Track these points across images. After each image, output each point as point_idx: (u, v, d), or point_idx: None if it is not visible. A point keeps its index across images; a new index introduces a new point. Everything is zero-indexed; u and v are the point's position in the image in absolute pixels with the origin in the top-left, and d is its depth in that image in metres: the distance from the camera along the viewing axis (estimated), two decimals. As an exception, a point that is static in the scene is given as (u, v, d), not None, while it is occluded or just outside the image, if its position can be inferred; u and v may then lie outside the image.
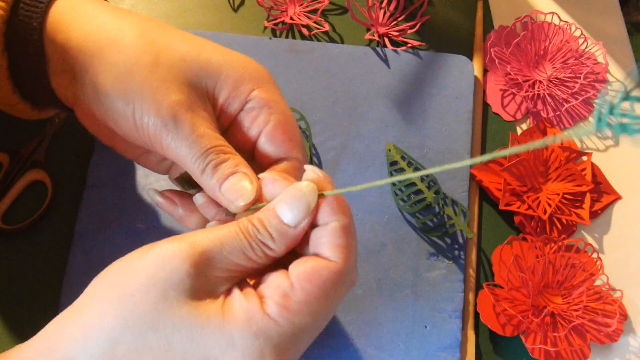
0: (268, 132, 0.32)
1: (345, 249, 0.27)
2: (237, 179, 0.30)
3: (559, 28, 0.53)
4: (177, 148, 0.30)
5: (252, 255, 0.27)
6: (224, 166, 0.30)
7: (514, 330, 0.44)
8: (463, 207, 0.47)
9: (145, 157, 0.37)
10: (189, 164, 0.31)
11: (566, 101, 0.51)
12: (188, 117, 0.30)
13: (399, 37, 0.52)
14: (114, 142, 0.36)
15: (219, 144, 0.31)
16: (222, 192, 0.30)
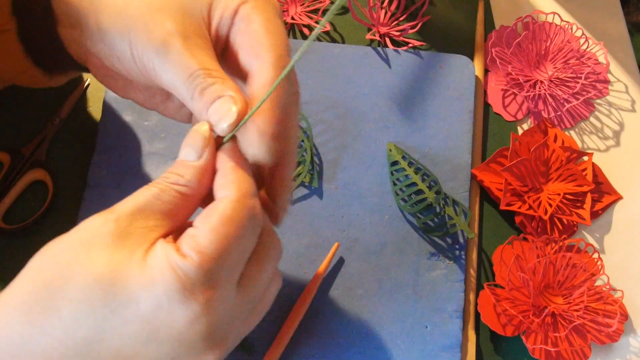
0: (241, 42, 0.32)
1: (234, 183, 0.28)
2: (223, 101, 0.29)
3: (560, 28, 0.53)
4: (167, 74, 0.30)
5: (166, 197, 0.28)
6: (210, 89, 0.30)
7: (514, 330, 0.44)
8: (464, 207, 0.47)
9: (165, 105, 0.36)
10: (180, 91, 0.30)
11: (567, 101, 0.51)
12: (179, 43, 0.30)
13: (400, 37, 0.52)
14: (128, 92, 0.36)
15: (208, 66, 0.30)
16: (208, 116, 0.30)
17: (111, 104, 0.48)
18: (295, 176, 0.47)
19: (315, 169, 0.48)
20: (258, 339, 0.43)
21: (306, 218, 0.46)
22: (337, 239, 0.46)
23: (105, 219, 0.28)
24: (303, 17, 0.53)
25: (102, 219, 0.28)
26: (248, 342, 0.43)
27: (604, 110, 0.53)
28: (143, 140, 0.48)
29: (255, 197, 0.29)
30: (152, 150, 0.47)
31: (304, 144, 0.48)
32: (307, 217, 0.46)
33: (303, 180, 0.47)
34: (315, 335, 0.43)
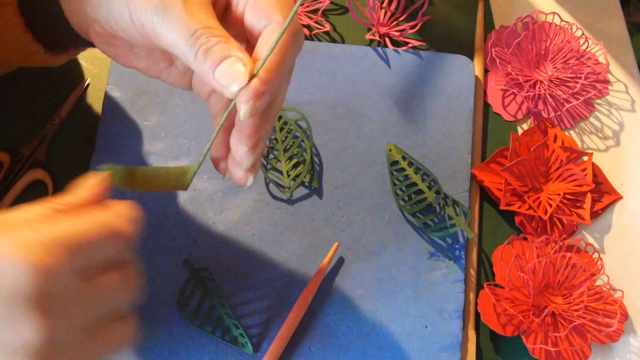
0: (250, 4, 0.31)
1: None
2: (230, 62, 0.29)
3: (559, 28, 0.53)
4: (168, 33, 0.30)
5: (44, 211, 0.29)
6: (215, 49, 0.29)
7: (514, 330, 0.44)
8: (464, 207, 0.47)
9: (168, 72, 0.36)
10: (181, 50, 0.30)
11: (567, 101, 0.51)
12: (179, 1, 0.30)
13: (400, 37, 0.52)
14: (130, 59, 0.36)
15: (210, 25, 0.30)
16: (215, 78, 0.29)
17: (111, 104, 0.48)
18: (295, 176, 0.47)
19: (315, 169, 0.48)
20: (258, 339, 0.43)
21: (306, 218, 0.46)
22: (337, 238, 0.46)
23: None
24: (303, 17, 0.53)
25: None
26: (248, 342, 0.43)
27: (603, 110, 0.53)
28: (143, 140, 0.48)
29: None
30: (152, 150, 0.47)
31: (304, 144, 0.48)
32: (307, 217, 0.46)
33: (303, 180, 0.47)
34: (315, 335, 0.43)
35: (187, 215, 0.46)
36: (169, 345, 0.43)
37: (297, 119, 0.49)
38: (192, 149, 0.47)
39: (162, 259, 0.45)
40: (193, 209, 0.46)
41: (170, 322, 0.43)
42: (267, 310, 0.44)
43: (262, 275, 0.45)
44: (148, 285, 0.44)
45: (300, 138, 0.48)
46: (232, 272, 0.45)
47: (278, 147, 0.48)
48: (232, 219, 0.46)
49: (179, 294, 0.44)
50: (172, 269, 0.45)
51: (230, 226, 0.46)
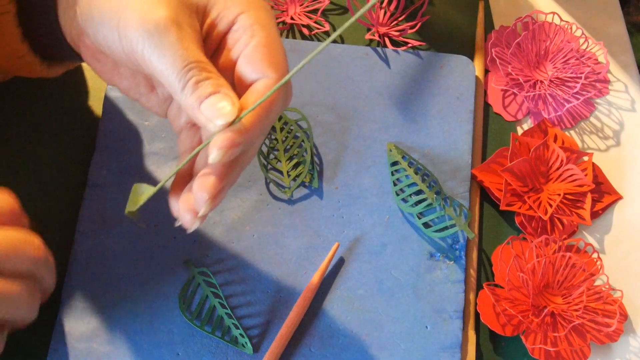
0: (246, 54, 0.31)
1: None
2: (218, 98, 0.29)
3: (559, 28, 0.53)
4: (159, 60, 0.29)
5: None
6: (205, 84, 0.29)
7: (514, 330, 0.44)
8: (464, 207, 0.47)
9: (148, 97, 0.36)
10: (170, 79, 0.29)
11: (567, 101, 0.51)
12: (174, 29, 0.29)
13: (400, 37, 0.52)
14: (114, 78, 0.35)
15: (202, 60, 0.30)
16: (201, 110, 0.29)
17: (111, 104, 0.48)
18: (296, 176, 0.47)
19: (316, 169, 0.48)
20: (258, 339, 0.43)
21: (306, 218, 0.46)
22: (338, 239, 0.46)
23: None
24: (302, 17, 0.53)
25: None
26: (248, 342, 0.43)
27: (604, 110, 0.53)
28: (143, 140, 0.48)
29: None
30: (153, 150, 0.47)
31: (304, 144, 0.48)
32: (307, 217, 0.46)
33: (303, 181, 0.47)
34: (315, 335, 0.44)
35: (188, 215, 0.46)
36: (169, 345, 0.43)
37: (297, 119, 0.49)
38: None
39: (162, 259, 0.45)
40: (193, 209, 0.46)
41: (171, 322, 0.43)
42: (267, 310, 0.44)
43: (262, 276, 0.45)
44: (148, 285, 0.44)
45: (300, 138, 0.48)
46: (233, 272, 0.45)
47: (278, 147, 0.48)
48: (232, 219, 0.46)
49: (179, 294, 0.44)
50: (173, 269, 0.45)
51: (230, 226, 0.46)
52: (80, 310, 0.43)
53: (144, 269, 0.44)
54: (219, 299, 0.44)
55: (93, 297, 0.44)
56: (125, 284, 0.44)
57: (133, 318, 0.43)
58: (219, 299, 0.44)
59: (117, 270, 0.44)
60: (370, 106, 0.50)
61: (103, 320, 0.43)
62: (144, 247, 0.45)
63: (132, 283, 0.44)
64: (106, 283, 0.44)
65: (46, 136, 0.48)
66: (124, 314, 0.43)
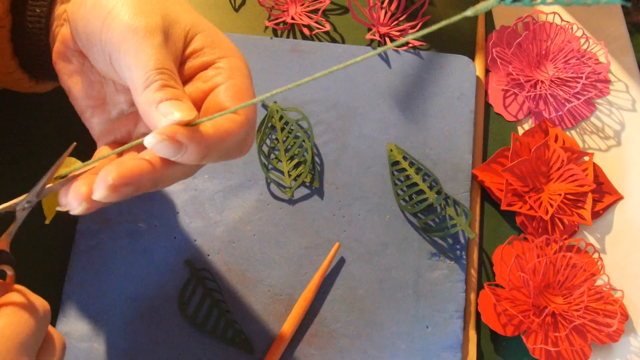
0: (222, 89, 0.32)
1: None
2: (179, 104, 0.29)
3: (560, 28, 0.53)
4: (135, 56, 0.29)
5: None
6: (170, 90, 0.29)
7: (514, 330, 0.44)
8: (465, 208, 0.47)
9: (92, 112, 0.36)
10: (136, 75, 0.29)
11: (568, 101, 0.51)
12: (161, 37, 0.30)
13: (400, 37, 0.52)
14: (70, 80, 0.35)
15: (175, 73, 0.30)
16: (158, 108, 0.29)
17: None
18: (297, 176, 0.47)
19: (316, 169, 0.48)
20: (258, 339, 0.43)
21: (307, 218, 0.46)
22: (338, 239, 0.46)
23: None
24: (303, 17, 0.53)
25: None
26: (248, 342, 0.43)
27: (604, 110, 0.53)
28: (144, 140, 0.48)
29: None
30: (153, 150, 0.47)
31: (304, 144, 0.48)
32: (308, 217, 0.46)
33: (304, 180, 0.47)
34: (315, 335, 0.44)
35: (188, 215, 0.46)
36: (169, 345, 0.43)
37: (298, 119, 0.49)
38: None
39: (162, 259, 0.45)
40: (194, 209, 0.46)
41: (171, 322, 0.43)
42: (267, 310, 0.44)
43: (262, 275, 0.45)
44: (148, 285, 0.44)
45: (301, 138, 0.48)
46: (233, 272, 0.45)
47: (279, 147, 0.48)
48: (233, 218, 0.46)
49: (179, 294, 0.44)
50: (173, 269, 0.45)
51: (231, 226, 0.46)
52: (80, 310, 0.43)
53: (144, 269, 0.44)
54: (219, 299, 0.44)
55: (93, 297, 0.44)
56: (125, 284, 0.44)
57: (133, 318, 0.43)
58: (219, 298, 0.44)
59: (117, 270, 0.44)
60: (371, 106, 0.50)
61: (103, 320, 0.43)
62: (144, 247, 0.45)
63: (132, 283, 0.44)
64: (106, 283, 0.44)
65: (46, 136, 0.48)
66: (124, 314, 0.43)
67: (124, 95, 0.35)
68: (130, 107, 0.35)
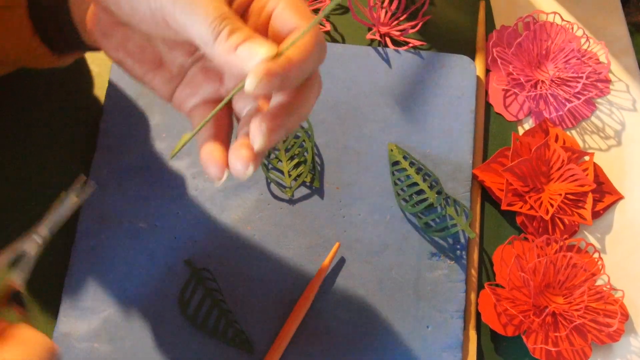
0: (277, 13, 0.32)
1: None
2: (255, 42, 0.29)
3: (561, 28, 0.53)
4: (191, 14, 0.29)
5: None
6: (239, 32, 0.29)
7: (515, 330, 0.44)
8: (465, 207, 0.47)
9: (153, 74, 0.36)
10: (201, 30, 0.30)
11: (568, 101, 0.51)
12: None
13: (401, 36, 0.52)
14: (119, 53, 0.35)
15: (234, 14, 0.30)
16: (237, 53, 0.29)
17: (112, 103, 0.48)
18: (297, 176, 0.47)
19: (317, 169, 0.48)
20: (258, 339, 0.43)
21: (307, 218, 0.46)
22: (338, 239, 0.46)
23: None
24: (304, 16, 0.53)
25: None
26: (248, 342, 0.43)
27: (605, 109, 0.53)
28: (144, 140, 0.48)
29: None
30: (154, 150, 0.47)
31: (305, 144, 0.48)
32: (308, 217, 0.46)
33: (304, 180, 0.47)
34: (316, 335, 0.44)
35: (188, 215, 0.46)
36: (169, 345, 0.43)
37: (298, 119, 0.49)
38: (193, 148, 0.47)
39: (162, 258, 0.45)
40: (194, 209, 0.46)
41: (171, 322, 0.43)
42: (267, 310, 0.44)
43: (263, 275, 0.45)
44: (148, 285, 0.44)
45: (301, 138, 0.48)
46: (233, 272, 0.45)
47: (279, 147, 0.48)
48: (233, 218, 0.46)
49: (179, 294, 0.44)
50: (173, 269, 0.45)
51: (231, 226, 0.46)
52: (80, 310, 0.43)
53: (144, 269, 0.44)
54: (219, 299, 0.44)
55: (93, 297, 0.44)
56: (125, 284, 0.44)
57: (133, 318, 0.43)
58: (219, 298, 0.44)
59: (117, 270, 0.44)
60: (371, 106, 0.50)
61: (103, 320, 0.43)
62: (144, 247, 0.45)
63: (132, 283, 0.44)
64: (106, 283, 0.44)
65: (46, 135, 0.48)
66: (124, 314, 0.43)
67: (179, 50, 0.35)
68: (189, 59, 0.35)
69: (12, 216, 0.46)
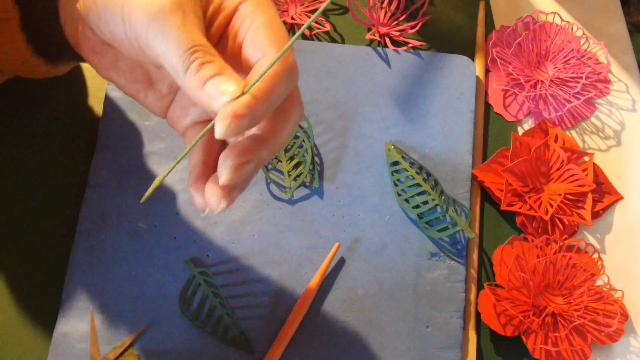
0: (249, 37, 0.31)
1: None
2: (222, 79, 0.29)
3: (560, 28, 0.53)
4: (163, 43, 0.29)
5: None
6: (209, 66, 0.29)
7: (514, 331, 0.44)
8: (464, 208, 0.47)
9: (145, 93, 0.36)
10: (173, 61, 0.29)
11: (568, 101, 0.51)
12: (178, 14, 0.30)
13: (400, 37, 0.52)
14: (112, 73, 0.35)
15: (205, 44, 0.30)
16: (204, 90, 0.29)
17: (112, 104, 0.48)
18: (296, 176, 0.47)
19: (316, 169, 0.48)
20: (258, 339, 0.43)
21: (307, 218, 0.46)
22: (338, 239, 0.46)
23: None
24: (303, 17, 0.53)
25: None
26: (248, 342, 0.43)
27: (604, 110, 0.53)
28: (143, 140, 0.48)
29: None
30: (153, 150, 0.47)
31: (304, 144, 0.48)
32: (307, 217, 0.46)
33: (304, 181, 0.47)
34: (316, 336, 0.44)
35: (188, 215, 0.46)
36: (169, 345, 0.43)
37: (297, 119, 0.49)
38: (193, 149, 0.47)
39: (162, 259, 0.45)
40: (193, 209, 0.46)
41: (171, 323, 0.43)
42: (267, 310, 0.44)
43: (262, 276, 0.45)
44: (148, 285, 0.44)
45: (301, 138, 0.48)
46: (233, 272, 0.45)
47: (279, 147, 0.48)
48: (232, 219, 0.46)
49: (179, 295, 0.44)
50: (173, 269, 0.45)
51: (230, 226, 0.46)
52: (80, 310, 0.43)
53: (144, 269, 0.44)
54: (219, 299, 0.44)
55: (93, 297, 0.44)
56: (125, 284, 0.44)
57: (133, 318, 0.43)
58: (219, 299, 0.44)
59: (117, 270, 0.44)
60: (370, 106, 0.50)
61: (103, 320, 0.43)
62: (144, 247, 0.45)
63: (132, 283, 0.44)
64: (106, 283, 0.44)
65: (46, 136, 0.48)
66: (124, 314, 0.43)
67: (165, 69, 0.34)
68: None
69: (12, 216, 0.46)
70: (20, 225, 0.46)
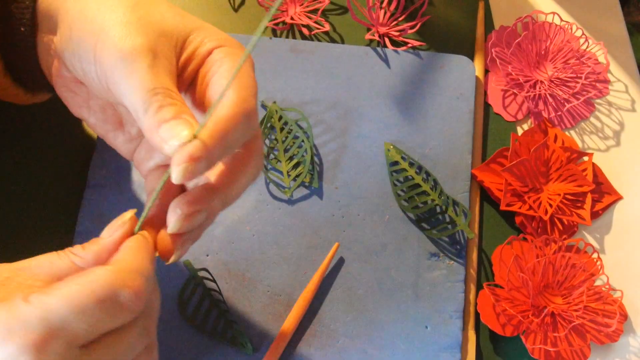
0: (214, 80, 0.32)
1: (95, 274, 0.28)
2: (178, 123, 0.29)
3: (560, 28, 0.53)
4: (127, 83, 0.30)
5: (60, 263, 0.29)
6: (168, 109, 0.29)
7: (514, 331, 0.44)
8: (464, 208, 0.47)
9: (115, 134, 0.36)
10: (134, 101, 0.30)
11: (567, 101, 0.51)
12: (148, 57, 0.30)
13: (400, 37, 0.52)
14: (83, 112, 0.36)
15: (169, 87, 0.30)
16: (159, 132, 0.29)
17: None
18: (296, 176, 0.47)
19: (316, 169, 0.48)
20: (257, 339, 0.43)
21: (306, 218, 0.46)
22: (337, 239, 0.46)
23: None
24: (302, 17, 0.53)
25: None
26: (247, 342, 0.43)
27: (604, 110, 0.53)
28: (143, 140, 0.48)
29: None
30: (152, 151, 0.47)
31: (304, 144, 0.48)
32: (307, 217, 0.46)
33: (303, 181, 0.47)
34: (315, 335, 0.44)
35: (187, 215, 0.46)
36: (169, 345, 0.43)
37: (297, 119, 0.49)
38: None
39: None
40: (193, 209, 0.46)
41: (170, 323, 0.43)
42: (267, 310, 0.44)
43: (262, 275, 0.45)
44: (148, 286, 0.44)
45: (300, 138, 0.48)
46: (232, 272, 0.45)
47: (278, 148, 0.48)
48: (232, 219, 0.46)
49: (179, 294, 0.44)
50: (172, 269, 0.45)
51: (230, 226, 0.46)
52: (80, 311, 0.43)
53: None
54: (219, 299, 0.44)
55: (93, 297, 0.44)
56: (125, 284, 0.44)
57: (133, 318, 0.43)
58: (219, 298, 0.44)
59: (116, 270, 0.44)
60: (370, 106, 0.50)
61: (103, 321, 0.43)
62: (143, 247, 0.45)
63: (132, 283, 0.44)
64: (106, 283, 0.44)
65: (46, 136, 0.48)
66: (123, 314, 0.43)
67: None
68: None
69: (11, 216, 0.46)
70: (20, 225, 0.46)
